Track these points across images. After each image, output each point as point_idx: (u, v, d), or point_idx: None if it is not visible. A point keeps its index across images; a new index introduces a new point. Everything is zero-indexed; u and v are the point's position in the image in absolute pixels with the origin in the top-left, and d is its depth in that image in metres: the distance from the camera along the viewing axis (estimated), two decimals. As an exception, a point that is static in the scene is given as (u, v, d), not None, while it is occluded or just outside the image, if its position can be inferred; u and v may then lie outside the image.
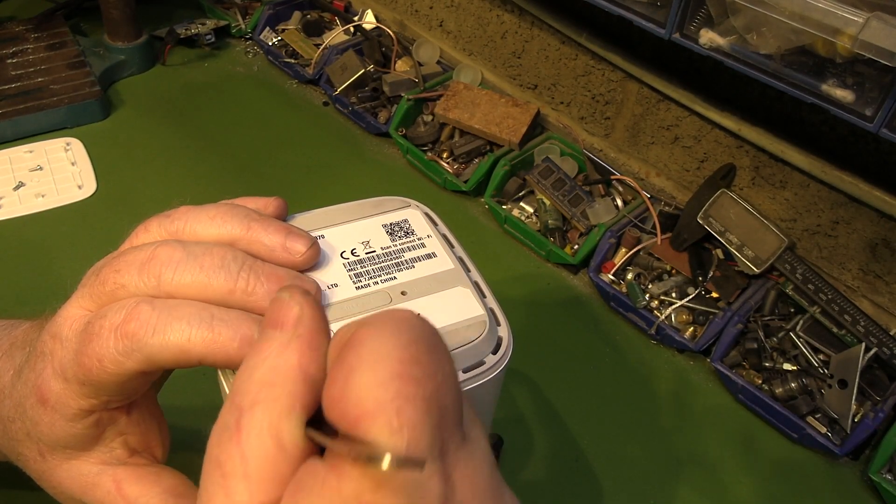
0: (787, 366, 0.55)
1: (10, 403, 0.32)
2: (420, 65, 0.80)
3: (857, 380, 0.51)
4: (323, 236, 0.32)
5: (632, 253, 0.61)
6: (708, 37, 0.47)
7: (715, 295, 0.59)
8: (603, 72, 0.68)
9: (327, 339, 0.23)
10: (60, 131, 0.73)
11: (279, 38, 0.86)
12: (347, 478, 0.19)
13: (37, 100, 0.73)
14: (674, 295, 0.59)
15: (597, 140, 0.72)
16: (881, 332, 0.53)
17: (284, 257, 0.29)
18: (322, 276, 0.30)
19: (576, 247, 0.64)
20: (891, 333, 0.53)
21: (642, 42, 0.64)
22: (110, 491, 0.31)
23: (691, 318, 0.58)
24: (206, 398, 0.49)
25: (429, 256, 0.32)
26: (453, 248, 0.33)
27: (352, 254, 0.31)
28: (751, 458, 0.52)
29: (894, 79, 0.40)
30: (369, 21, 0.86)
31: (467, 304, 0.30)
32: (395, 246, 0.32)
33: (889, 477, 0.49)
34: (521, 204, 0.68)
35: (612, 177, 0.68)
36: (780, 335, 0.56)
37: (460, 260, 0.32)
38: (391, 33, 0.81)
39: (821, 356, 0.55)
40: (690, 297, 0.58)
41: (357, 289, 0.30)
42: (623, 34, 0.65)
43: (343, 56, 0.79)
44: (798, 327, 0.56)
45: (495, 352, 0.30)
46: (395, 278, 0.31)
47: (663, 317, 0.57)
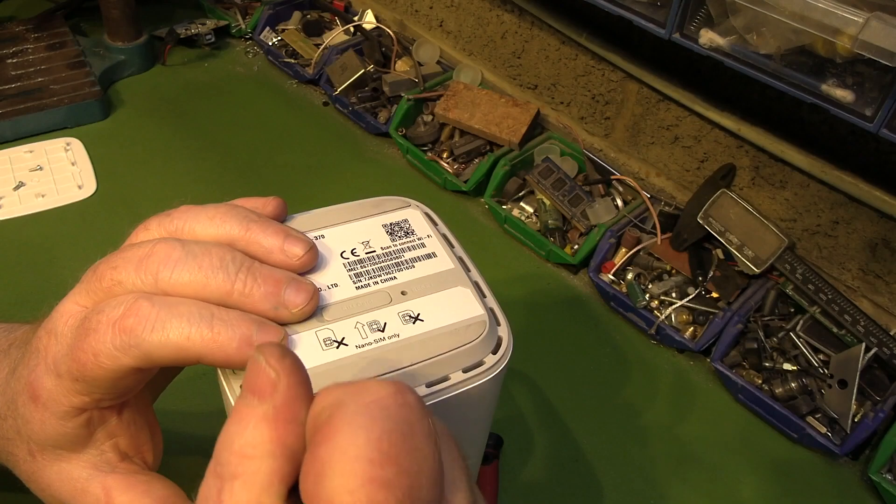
0: (787, 366, 0.55)
1: (3, 400, 0.32)
2: (420, 65, 0.80)
3: (857, 380, 0.51)
4: (323, 236, 0.32)
5: (632, 253, 0.61)
6: (708, 37, 0.47)
7: (715, 295, 0.59)
8: (603, 72, 0.68)
9: (306, 406, 0.22)
10: (60, 131, 0.73)
11: (279, 38, 0.86)
12: None
13: (37, 100, 0.73)
14: (674, 295, 0.59)
15: (597, 140, 0.72)
16: (881, 332, 0.53)
17: (282, 260, 0.29)
18: (322, 276, 0.30)
19: (576, 247, 0.64)
20: (891, 333, 0.53)
21: (642, 42, 0.64)
22: (99, 499, 0.31)
23: (691, 318, 0.58)
24: (206, 400, 0.49)
25: (429, 256, 0.32)
26: (453, 248, 0.33)
27: (352, 254, 0.31)
28: (751, 458, 0.52)
29: (894, 79, 0.40)
30: (369, 21, 0.86)
31: (467, 304, 0.30)
32: (395, 246, 0.32)
33: (889, 477, 0.49)
34: (521, 204, 0.68)
35: (612, 177, 0.68)
36: (780, 335, 0.56)
37: (460, 260, 0.32)
38: (391, 33, 0.81)
39: (821, 356, 0.55)
40: (690, 297, 0.58)
41: (357, 289, 0.30)
42: (623, 34, 0.65)
43: (343, 56, 0.79)
44: (798, 327, 0.56)
45: (495, 352, 0.30)
46: (395, 278, 0.31)
47: (663, 317, 0.57)
